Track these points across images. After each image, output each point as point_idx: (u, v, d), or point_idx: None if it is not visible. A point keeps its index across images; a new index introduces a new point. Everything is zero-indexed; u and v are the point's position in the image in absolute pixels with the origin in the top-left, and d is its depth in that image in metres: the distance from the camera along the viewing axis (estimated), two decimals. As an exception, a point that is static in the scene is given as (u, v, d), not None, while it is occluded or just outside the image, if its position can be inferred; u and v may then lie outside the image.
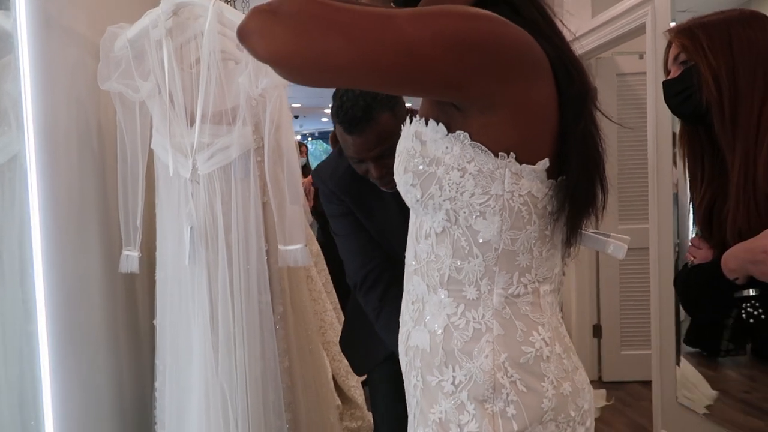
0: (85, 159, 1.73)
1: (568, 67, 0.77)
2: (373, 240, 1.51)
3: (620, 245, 0.87)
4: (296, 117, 10.59)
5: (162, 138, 1.69)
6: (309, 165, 4.85)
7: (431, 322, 0.82)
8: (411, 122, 0.82)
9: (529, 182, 0.76)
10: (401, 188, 0.83)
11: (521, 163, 0.75)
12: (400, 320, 0.91)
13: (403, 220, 0.93)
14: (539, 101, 0.75)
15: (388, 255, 1.48)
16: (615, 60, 3.39)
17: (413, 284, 0.86)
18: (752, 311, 1.14)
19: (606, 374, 3.55)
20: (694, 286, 1.27)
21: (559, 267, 0.86)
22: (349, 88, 1.31)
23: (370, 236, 1.52)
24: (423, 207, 0.80)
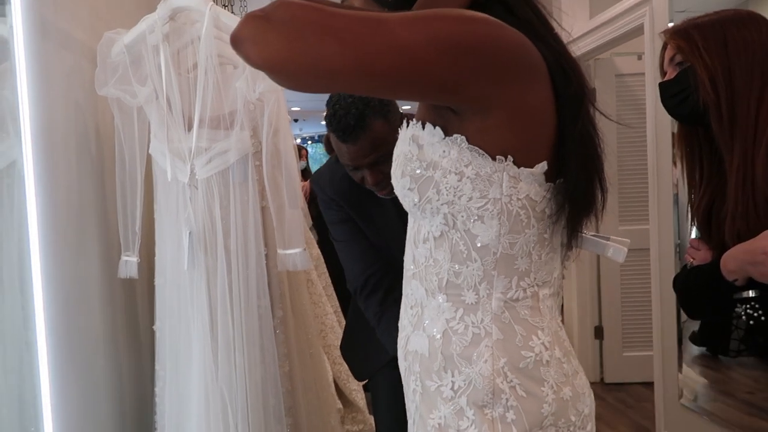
0: (83, 165, 1.73)
1: (565, 68, 0.77)
2: (373, 245, 1.51)
3: (620, 248, 0.87)
4: (296, 120, 10.59)
5: (160, 143, 1.69)
6: (309, 169, 4.85)
7: (430, 326, 0.82)
8: (408, 126, 0.81)
9: (527, 185, 0.76)
10: (399, 192, 0.82)
11: (519, 166, 0.75)
12: (399, 325, 0.90)
13: (402, 225, 0.92)
14: (536, 104, 0.75)
15: (388, 260, 1.48)
16: (613, 61, 3.38)
17: (412, 288, 0.86)
18: (752, 313, 1.13)
19: (608, 376, 3.55)
20: (693, 288, 1.27)
21: (559, 270, 0.85)
22: (345, 93, 1.31)
23: (370, 242, 1.52)
24: (421, 211, 0.80)
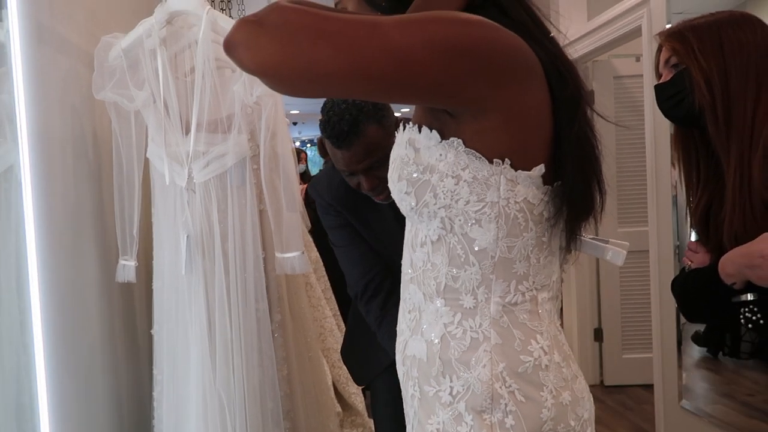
0: (81, 169, 1.72)
1: (561, 70, 0.77)
2: (372, 249, 1.51)
3: (619, 251, 0.86)
4: (294, 123, 10.60)
5: (157, 147, 1.69)
6: (309, 172, 4.84)
7: (428, 331, 0.81)
8: (404, 129, 0.81)
9: (524, 189, 0.75)
10: (396, 196, 0.82)
11: (516, 169, 0.74)
12: (397, 329, 0.90)
13: (400, 229, 0.92)
14: (532, 106, 0.74)
15: (388, 264, 1.48)
16: (611, 63, 3.38)
17: (410, 293, 0.85)
18: (750, 316, 1.12)
19: (607, 378, 3.54)
20: (691, 291, 1.26)
21: (557, 274, 0.84)
22: (339, 99, 1.30)
23: (369, 246, 1.51)
24: (418, 215, 0.79)
